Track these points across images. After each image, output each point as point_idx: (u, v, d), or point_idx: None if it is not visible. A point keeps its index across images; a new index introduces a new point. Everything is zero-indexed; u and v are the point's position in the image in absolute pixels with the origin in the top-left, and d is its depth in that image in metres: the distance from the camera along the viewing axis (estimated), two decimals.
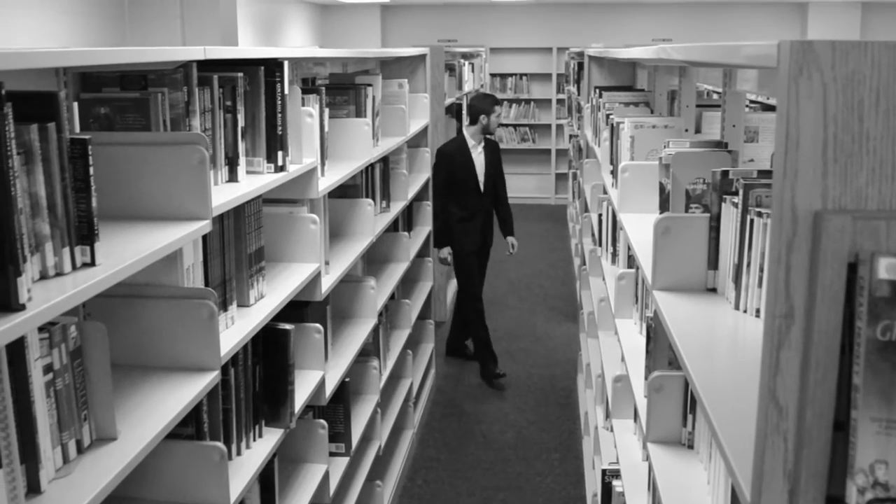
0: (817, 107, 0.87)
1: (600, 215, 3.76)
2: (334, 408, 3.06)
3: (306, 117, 2.56)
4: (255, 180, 2.22)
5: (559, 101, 12.06)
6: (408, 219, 4.82)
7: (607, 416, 3.31)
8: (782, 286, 0.89)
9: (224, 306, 2.09)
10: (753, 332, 1.60)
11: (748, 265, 1.67)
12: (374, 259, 4.22)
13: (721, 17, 11.79)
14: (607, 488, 2.96)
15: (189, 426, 1.91)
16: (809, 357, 0.88)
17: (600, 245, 3.75)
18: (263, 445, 2.27)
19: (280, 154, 2.34)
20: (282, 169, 2.36)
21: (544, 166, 12.35)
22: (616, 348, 3.30)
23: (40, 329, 1.42)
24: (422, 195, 5.14)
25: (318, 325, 2.65)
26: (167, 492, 1.88)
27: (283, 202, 2.64)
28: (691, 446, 2.12)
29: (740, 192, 1.68)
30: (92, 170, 1.47)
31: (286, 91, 2.36)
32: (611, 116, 3.41)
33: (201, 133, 1.90)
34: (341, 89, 3.49)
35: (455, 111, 7.67)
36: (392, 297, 4.20)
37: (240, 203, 2.08)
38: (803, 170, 0.88)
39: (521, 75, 12.24)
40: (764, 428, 0.91)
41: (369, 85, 3.56)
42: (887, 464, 0.85)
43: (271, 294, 2.35)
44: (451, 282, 7.39)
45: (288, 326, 2.37)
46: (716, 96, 4.52)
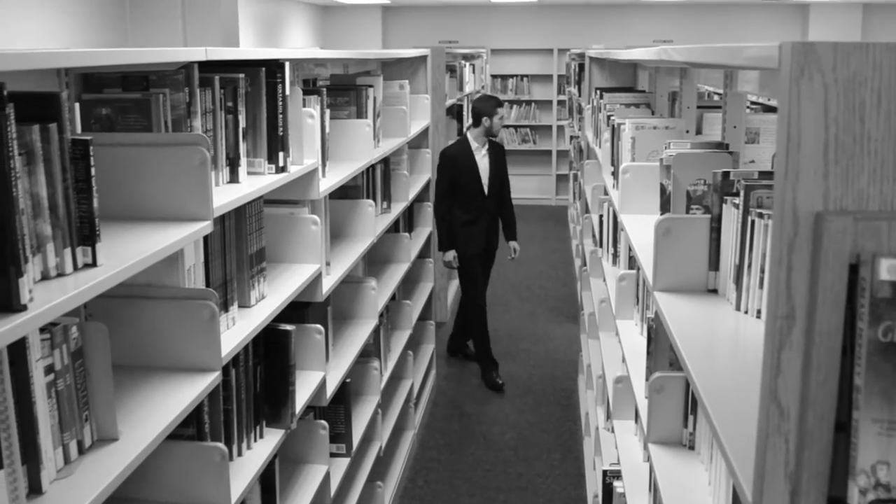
0: (819, 108, 0.88)
1: (601, 216, 3.76)
2: (335, 408, 3.06)
3: (307, 118, 2.56)
4: (256, 181, 2.23)
5: (560, 103, 12.06)
6: (409, 220, 4.82)
7: (608, 416, 3.31)
8: (784, 287, 0.89)
9: (225, 307, 2.09)
10: (754, 333, 1.60)
11: (749, 266, 1.67)
12: (374, 260, 4.22)
13: (722, 18, 11.79)
14: (608, 489, 2.96)
15: (190, 427, 1.91)
16: (811, 358, 0.88)
17: (601, 246, 3.75)
18: (264, 446, 2.27)
19: (281, 155, 2.35)
20: (283, 170, 2.36)
21: (545, 167, 12.36)
22: (617, 349, 3.30)
23: (42, 330, 1.42)
24: (422, 196, 5.14)
25: (318, 326, 2.66)
26: (168, 492, 1.88)
27: (284, 203, 2.64)
28: (692, 447, 2.12)
29: (741, 193, 1.68)
30: (93, 170, 1.47)
31: (287, 92, 2.36)
32: (612, 117, 3.41)
33: (202, 134, 1.90)
34: (342, 90, 3.49)
35: (456, 112, 7.67)
36: (393, 297, 4.20)
37: (241, 204, 2.08)
38: (805, 171, 0.88)
39: (522, 76, 12.24)
40: (765, 429, 0.91)
41: (370, 86, 3.56)
42: (889, 465, 0.85)
43: (272, 295, 2.35)
44: (452, 283, 7.39)
45: (289, 327, 2.37)
46: (717, 97, 4.52)
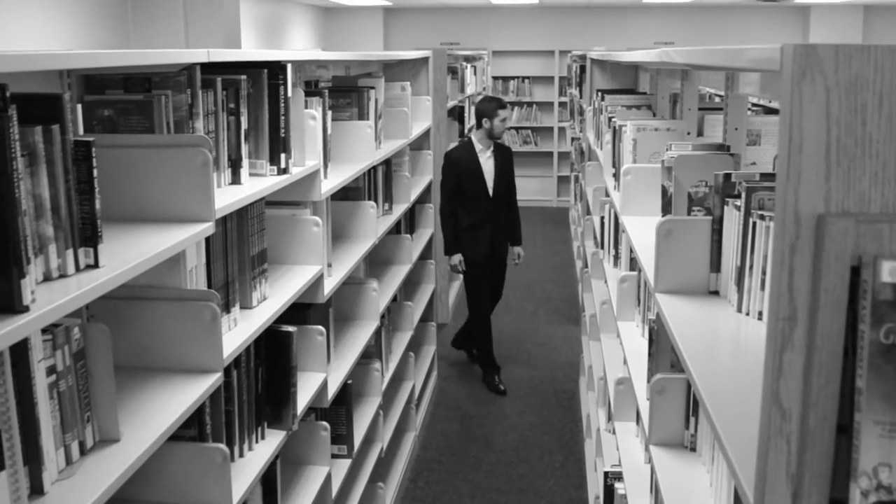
0: (820, 110, 0.88)
1: (602, 218, 3.76)
2: (336, 410, 3.06)
3: (309, 120, 2.56)
4: (257, 182, 2.23)
5: (561, 104, 12.06)
6: (410, 221, 4.82)
7: (609, 418, 3.31)
8: (785, 289, 0.89)
9: (227, 308, 2.10)
10: (756, 334, 1.60)
11: (750, 268, 1.67)
12: (376, 261, 4.22)
13: (723, 19, 11.79)
14: (609, 491, 2.96)
15: (192, 428, 1.91)
16: (812, 360, 0.88)
17: (602, 248, 3.75)
18: (266, 447, 2.27)
19: (283, 156, 2.35)
20: (284, 171, 2.37)
21: (546, 169, 12.36)
22: (618, 351, 3.30)
23: (44, 331, 1.42)
24: (424, 198, 5.14)
25: (320, 328, 2.66)
26: (169, 493, 1.88)
27: (285, 204, 2.64)
28: (694, 449, 2.12)
29: (743, 195, 1.68)
30: (95, 172, 1.47)
31: (289, 94, 2.36)
32: (613, 119, 3.41)
33: (204, 135, 1.90)
34: (344, 92, 3.49)
35: (457, 114, 7.68)
36: (394, 299, 4.20)
37: (243, 205, 2.08)
38: (806, 173, 0.88)
39: (524, 78, 12.24)
40: (767, 430, 0.91)
41: (372, 87, 3.57)
42: (891, 466, 0.85)
43: (274, 296, 2.35)
44: (454, 284, 7.39)
45: (290, 328, 2.37)
46: (718, 99, 4.52)
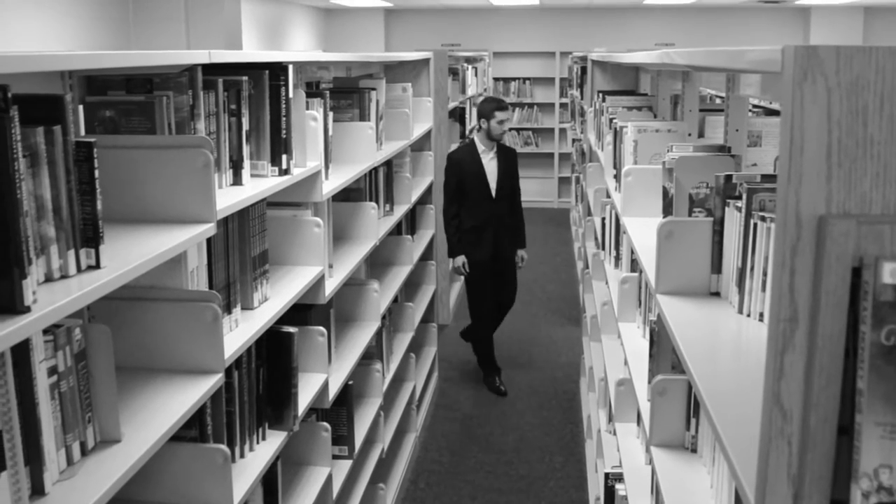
0: (821, 111, 0.88)
1: (603, 219, 3.76)
2: (337, 411, 3.06)
3: (310, 121, 2.56)
4: (259, 183, 2.23)
5: (562, 105, 12.06)
6: (411, 222, 4.82)
7: (610, 419, 3.31)
8: (786, 290, 0.89)
9: (228, 309, 2.10)
10: (757, 336, 1.60)
11: (752, 269, 1.67)
12: (377, 262, 4.22)
13: (723, 21, 11.79)
14: (610, 492, 2.96)
15: (193, 428, 1.91)
16: (814, 361, 0.88)
17: (603, 249, 3.75)
18: (267, 448, 2.27)
19: (284, 157, 2.35)
20: (286, 172, 2.37)
21: (547, 170, 12.36)
22: (619, 352, 3.30)
23: (45, 331, 1.42)
24: (425, 199, 5.14)
25: (321, 328, 2.66)
26: (170, 494, 1.88)
27: (287, 205, 2.64)
28: (695, 450, 2.12)
29: (744, 196, 1.68)
30: (97, 173, 1.47)
31: (290, 95, 2.36)
32: (614, 120, 3.41)
33: (206, 136, 1.91)
34: (345, 93, 3.49)
35: (458, 115, 7.68)
36: (395, 300, 4.20)
37: (244, 206, 2.08)
38: (808, 174, 0.88)
39: (525, 79, 12.24)
40: (768, 432, 0.91)
41: (373, 89, 3.57)
42: (892, 468, 0.85)
43: (275, 297, 2.35)
44: (455, 285, 7.39)
45: (291, 329, 2.37)
46: (719, 101, 4.52)
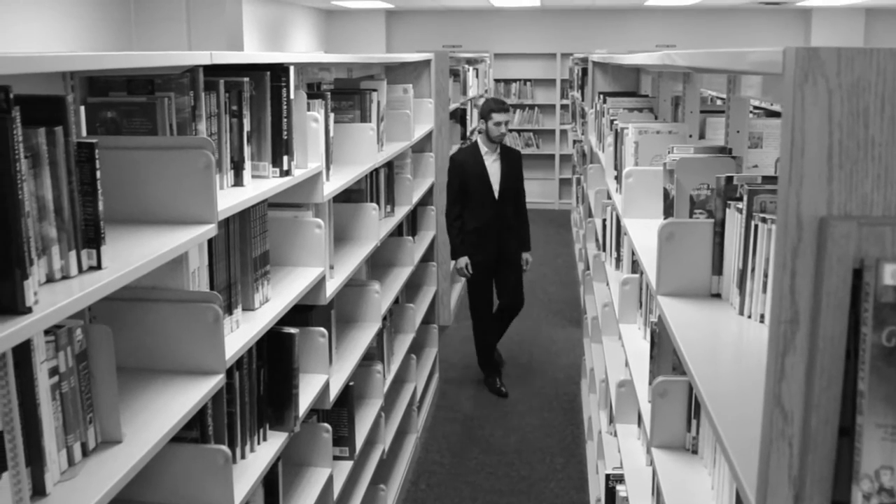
0: (822, 113, 0.88)
1: (604, 220, 3.76)
2: (338, 412, 3.06)
3: (311, 122, 2.57)
4: (260, 184, 2.23)
5: (563, 107, 12.07)
6: (412, 223, 4.83)
7: (611, 420, 3.31)
8: (787, 292, 0.89)
9: (229, 310, 2.10)
10: (758, 337, 1.60)
11: (752, 271, 1.67)
12: (378, 263, 4.22)
13: (725, 22, 11.79)
14: (611, 493, 2.96)
15: (194, 429, 1.92)
16: (815, 363, 0.88)
17: (604, 250, 3.75)
18: (268, 449, 2.27)
19: (285, 158, 2.35)
20: (287, 173, 2.37)
21: (548, 171, 12.36)
22: (620, 353, 3.30)
23: (46, 332, 1.42)
24: (426, 200, 5.14)
25: (322, 329, 2.66)
26: (171, 495, 1.88)
27: (288, 206, 2.64)
28: (695, 451, 2.12)
29: (745, 197, 1.68)
30: (99, 173, 1.48)
31: (292, 96, 2.36)
32: (615, 122, 3.41)
33: (207, 137, 1.91)
34: (346, 94, 3.50)
35: (459, 116, 7.68)
36: (396, 301, 4.20)
37: (245, 207, 2.08)
38: (809, 176, 0.89)
39: (526, 81, 12.25)
40: (769, 433, 0.91)
41: (374, 90, 3.57)
42: (892, 469, 0.85)
43: (276, 298, 2.36)
44: (456, 286, 7.39)
45: (292, 330, 2.37)
46: (720, 102, 4.52)
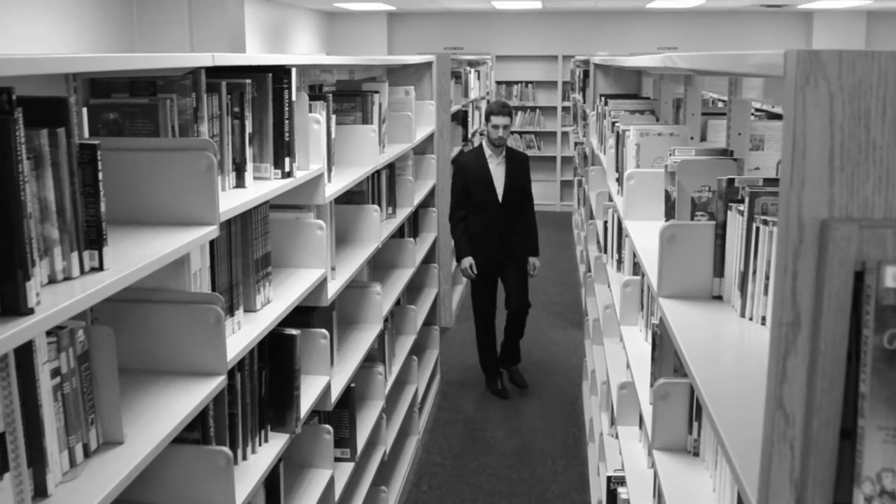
0: (824, 116, 0.88)
1: (606, 222, 3.76)
2: (340, 413, 3.06)
3: (313, 124, 2.57)
4: (262, 186, 2.23)
5: (564, 109, 12.07)
6: (413, 225, 4.83)
7: (612, 422, 3.30)
8: (789, 294, 0.89)
9: (231, 311, 2.10)
10: (759, 339, 1.60)
11: (754, 273, 1.67)
12: (379, 265, 4.22)
13: (726, 25, 11.80)
14: (612, 495, 2.95)
15: (195, 431, 1.92)
16: (816, 365, 0.88)
17: (606, 252, 3.75)
18: (269, 450, 2.28)
19: (287, 160, 2.35)
20: (289, 175, 2.37)
21: (549, 173, 12.36)
22: (621, 355, 3.30)
23: (48, 333, 1.42)
24: (427, 202, 5.14)
25: (323, 331, 2.66)
26: (173, 496, 1.88)
27: (289, 208, 2.65)
28: (697, 454, 2.12)
29: (746, 200, 1.68)
30: (101, 175, 1.48)
31: (294, 98, 2.37)
32: (616, 124, 3.41)
33: (209, 139, 1.91)
34: (348, 96, 3.50)
35: (461, 118, 7.68)
36: (398, 302, 4.20)
37: (247, 209, 2.08)
38: (810, 178, 0.89)
39: (527, 83, 12.25)
40: (770, 436, 0.92)
41: (376, 92, 3.57)
42: (894, 472, 0.85)
43: (278, 299, 2.36)
44: (457, 288, 7.39)
45: (294, 332, 2.38)
46: (721, 104, 4.52)
